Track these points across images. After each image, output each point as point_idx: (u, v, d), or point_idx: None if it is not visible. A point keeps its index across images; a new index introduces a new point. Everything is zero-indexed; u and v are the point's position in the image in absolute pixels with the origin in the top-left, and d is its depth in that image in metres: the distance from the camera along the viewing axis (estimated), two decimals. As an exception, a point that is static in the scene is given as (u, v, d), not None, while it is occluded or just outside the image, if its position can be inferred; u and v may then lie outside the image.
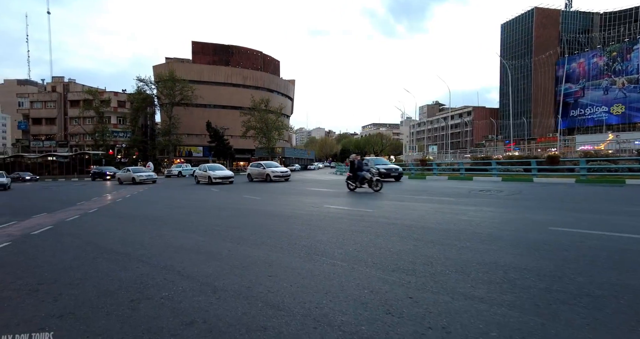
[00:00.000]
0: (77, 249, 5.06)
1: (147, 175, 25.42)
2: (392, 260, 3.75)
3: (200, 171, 22.60)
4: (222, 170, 22.20)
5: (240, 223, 6.68)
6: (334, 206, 8.58)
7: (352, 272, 3.39)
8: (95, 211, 9.78)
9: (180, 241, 5.24)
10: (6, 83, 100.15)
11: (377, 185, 11.90)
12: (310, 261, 3.85)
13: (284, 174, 21.59)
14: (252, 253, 4.32)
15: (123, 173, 26.73)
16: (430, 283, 2.97)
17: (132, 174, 25.40)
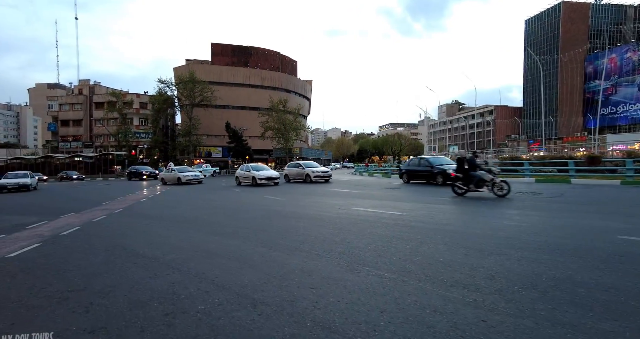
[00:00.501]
0: (105, 252, 4.92)
1: (194, 175, 23.17)
2: (446, 272, 3.36)
3: (242, 172, 19.94)
4: (266, 170, 19.76)
5: (267, 226, 6.42)
6: (362, 208, 8.21)
7: (404, 286, 3.03)
8: (120, 211, 9.78)
9: (209, 245, 5.01)
10: (38, 87, 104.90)
11: (501, 188, 9.33)
12: (353, 271, 3.52)
13: (325, 175, 19.44)
14: (287, 260, 4.03)
15: (167, 173, 24.41)
16: (501, 303, 2.58)
17: (177, 174, 23.08)
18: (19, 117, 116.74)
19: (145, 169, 36.69)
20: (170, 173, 23.94)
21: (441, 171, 14.05)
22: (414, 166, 16.56)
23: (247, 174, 19.27)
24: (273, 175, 18.60)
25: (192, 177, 22.83)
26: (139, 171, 35.88)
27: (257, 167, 20.07)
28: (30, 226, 7.63)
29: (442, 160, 15.92)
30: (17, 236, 6.52)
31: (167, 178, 23.98)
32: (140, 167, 38.72)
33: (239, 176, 20.16)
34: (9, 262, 4.65)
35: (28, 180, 21.43)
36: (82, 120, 63.09)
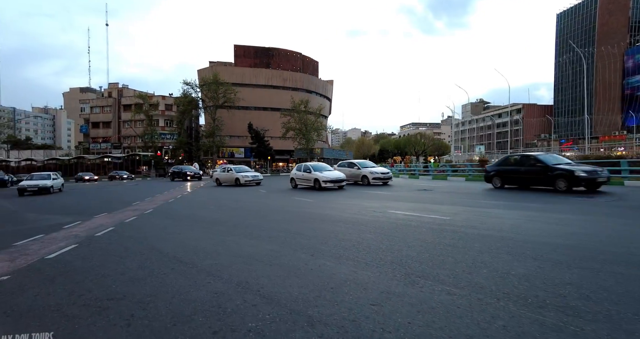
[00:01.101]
0: (140, 256, 4.76)
1: (253, 176, 20.92)
2: (525, 288, 2.90)
3: (299, 172, 16.49)
4: (330, 171, 16.28)
5: (303, 229, 6.11)
6: (400, 211, 7.76)
7: (482, 306, 2.61)
8: (150, 211, 9.79)
9: (247, 250, 4.75)
10: (71, 92, 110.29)
11: None
12: (413, 285, 3.12)
13: (385, 176, 16.63)
14: (335, 269, 3.68)
15: (223, 173, 22.04)
16: (620, 335, 2.11)
17: (234, 174, 20.88)
18: (54, 120, 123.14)
19: (190, 169, 34.11)
20: (226, 174, 21.72)
21: (565, 172, 10.51)
22: (512, 165, 12.56)
23: (307, 175, 15.97)
24: (339, 177, 15.23)
25: (252, 178, 20.63)
26: (183, 172, 33.14)
27: (319, 167, 16.52)
28: (67, 226, 7.69)
29: (559, 158, 12.14)
30: (55, 237, 6.54)
31: (223, 178, 21.86)
32: (184, 167, 35.82)
33: (296, 177, 16.85)
34: (48, 264, 4.57)
35: (49, 181, 19.74)
36: (111, 122, 65.65)
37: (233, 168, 21.81)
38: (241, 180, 20.29)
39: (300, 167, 16.74)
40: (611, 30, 64.00)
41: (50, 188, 19.37)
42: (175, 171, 33.73)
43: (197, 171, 33.81)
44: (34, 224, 8.39)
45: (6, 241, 6.26)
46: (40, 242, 6.07)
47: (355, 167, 17.55)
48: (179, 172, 33.23)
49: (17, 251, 5.46)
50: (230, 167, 22.02)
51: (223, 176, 21.89)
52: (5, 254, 5.28)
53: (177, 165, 38.57)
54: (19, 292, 3.52)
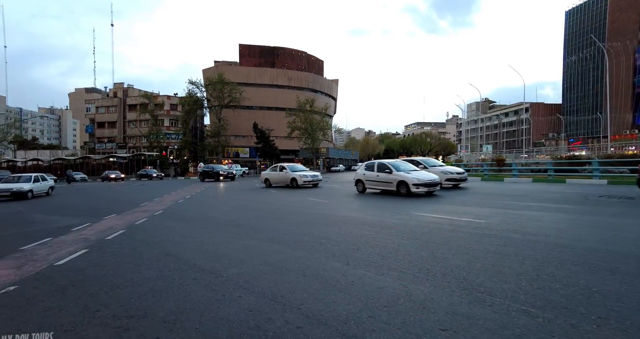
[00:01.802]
0: (157, 263, 4.37)
1: (313, 176, 17.40)
2: (627, 310, 2.46)
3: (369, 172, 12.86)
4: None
5: (328, 233, 5.69)
6: (425, 213, 7.31)
7: (585, 335, 2.17)
8: (159, 213, 9.42)
9: (274, 257, 4.34)
10: (77, 92, 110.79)
11: None
12: (481, 303, 2.69)
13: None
14: (379, 282, 3.26)
15: (275, 173, 18.53)
16: None
17: (289, 174, 17.37)
18: (60, 120, 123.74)
19: (222, 168, 30.33)
20: (278, 173, 18.17)
21: None
22: None
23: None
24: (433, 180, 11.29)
25: (311, 178, 17.06)
26: (215, 171, 29.19)
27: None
28: (75, 229, 7.34)
29: None
30: (64, 240, 6.18)
31: (275, 179, 18.48)
32: (216, 165, 31.70)
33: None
34: (57, 271, 4.19)
35: (26, 185, 16.35)
36: (117, 122, 65.59)
37: (287, 166, 18.19)
38: (299, 181, 16.75)
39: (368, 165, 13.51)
40: (622, 28, 62.87)
41: (28, 193, 16.00)
42: (206, 171, 29.85)
43: (230, 170, 30.04)
44: (41, 226, 8.05)
45: (12, 245, 5.91)
46: (48, 246, 5.71)
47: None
48: (210, 172, 29.32)
49: (24, 256, 5.10)
50: (283, 165, 18.43)
51: (275, 177, 18.50)
52: (12, 260, 4.92)
53: (209, 164, 34.41)
54: (26, 306, 3.14)
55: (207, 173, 29.70)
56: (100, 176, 40.28)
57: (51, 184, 18.89)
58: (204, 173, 30.06)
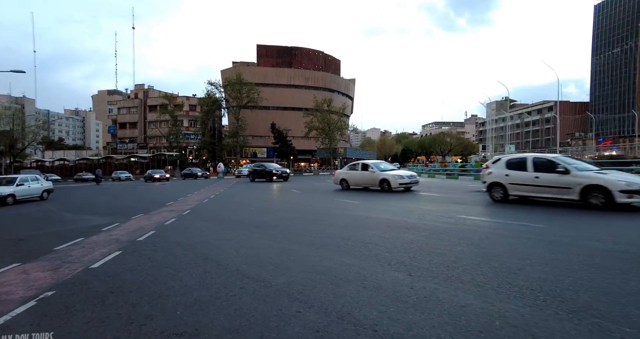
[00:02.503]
0: (196, 268, 4.07)
1: (410, 176, 13.34)
2: None
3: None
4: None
5: (373, 238, 5.28)
6: (472, 216, 6.79)
7: None
8: (187, 213, 9.23)
9: (321, 264, 3.96)
10: (99, 94, 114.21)
11: None
12: (603, 334, 2.21)
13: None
14: (457, 298, 2.82)
15: (355, 172, 14.71)
16: None
17: (379, 174, 13.47)
18: (84, 122, 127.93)
19: (275, 167, 26.19)
20: (362, 172, 14.30)
21: None
22: None
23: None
24: None
25: (409, 179, 13.08)
26: (268, 170, 25.12)
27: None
28: (105, 229, 7.20)
29: None
30: (95, 241, 6.01)
31: (354, 179, 14.77)
32: (268, 164, 27.40)
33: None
34: (93, 275, 3.95)
35: (7, 188, 13.98)
36: (137, 123, 67.11)
37: (372, 164, 14.39)
38: (392, 183, 12.77)
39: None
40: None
41: (7, 198, 13.65)
42: (257, 170, 26.22)
43: (284, 169, 26.30)
44: (72, 225, 7.98)
45: (46, 245, 5.78)
46: (81, 247, 5.53)
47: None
48: (261, 171, 25.57)
49: (59, 257, 4.92)
50: (367, 163, 14.65)
51: (356, 177, 14.68)
52: (47, 261, 4.74)
53: (259, 163, 30.29)
54: (66, 315, 2.87)
55: (258, 172, 26.00)
56: (143, 176, 36.91)
57: (47, 187, 16.17)
58: (255, 172, 26.42)
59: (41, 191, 15.72)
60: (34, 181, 15.60)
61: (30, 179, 15.46)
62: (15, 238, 6.61)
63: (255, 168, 27.09)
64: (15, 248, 5.76)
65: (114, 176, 43.89)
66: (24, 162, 51.66)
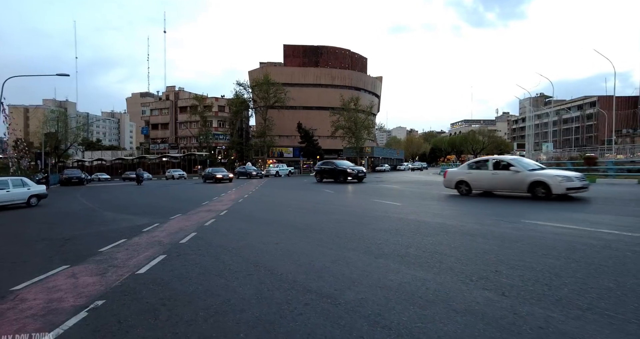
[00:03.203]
0: (249, 277, 3.71)
1: (578, 178, 9.31)
2: None
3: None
4: None
5: (438, 245, 4.74)
6: (543, 222, 6.04)
7: None
8: (224, 213, 9.03)
9: (390, 276, 3.48)
10: (133, 97, 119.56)
11: None
12: None
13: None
14: (586, 332, 2.26)
15: (485, 172, 10.92)
16: None
17: (525, 174, 9.79)
18: (119, 123, 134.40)
19: (349, 166, 21.54)
20: (494, 172, 10.59)
21: None
22: None
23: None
24: None
25: (580, 183, 9.25)
26: (340, 170, 20.68)
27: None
28: (146, 230, 7.10)
29: None
30: (138, 242, 5.86)
31: (481, 180, 11.02)
32: (339, 162, 23.33)
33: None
34: (142, 283, 3.69)
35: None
36: (169, 124, 69.40)
37: (514, 161, 10.51)
38: (554, 188, 9.03)
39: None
40: None
41: None
42: (325, 169, 22.03)
43: (360, 168, 21.71)
44: (113, 225, 7.97)
45: (92, 246, 5.69)
46: (125, 249, 5.37)
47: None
48: (332, 170, 21.28)
49: (104, 260, 4.75)
50: (505, 160, 10.71)
51: (485, 178, 10.88)
52: (94, 264, 4.58)
53: (328, 160, 26.10)
54: (120, 332, 2.58)
55: (326, 171, 21.90)
56: (202, 175, 31.69)
57: (36, 191, 14.08)
58: (322, 171, 22.37)
59: (27, 197, 13.58)
60: (18, 186, 13.48)
61: (13, 183, 13.40)
62: (62, 238, 6.63)
63: (323, 166, 22.79)
64: (64, 248, 5.71)
65: (167, 174, 44.49)
66: (67, 162, 54.75)
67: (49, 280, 4.01)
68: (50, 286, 3.78)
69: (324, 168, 22.48)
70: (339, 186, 18.15)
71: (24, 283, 3.88)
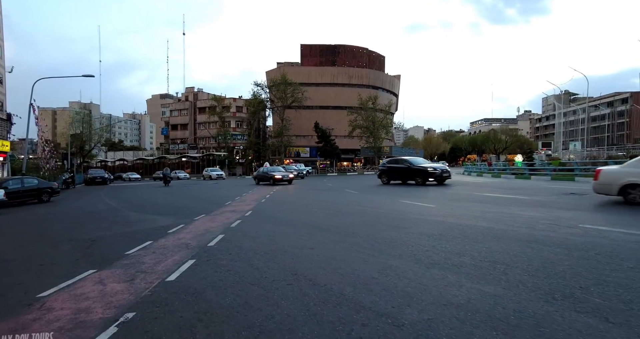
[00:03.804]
0: (289, 287, 3.35)
1: None
2: None
3: None
4: None
5: (495, 255, 4.24)
6: (606, 227, 5.42)
7: None
8: (249, 214, 8.74)
9: (452, 291, 3.03)
10: (152, 98, 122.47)
11: None
12: None
13: None
14: None
15: None
16: None
17: None
18: (140, 124, 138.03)
19: (430, 165, 17.02)
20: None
21: None
22: None
23: None
24: None
25: None
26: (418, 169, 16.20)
27: None
28: (171, 231, 6.88)
29: None
30: (165, 245, 5.61)
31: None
32: (414, 159, 18.26)
33: None
34: (173, 292, 3.38)
35: None
36: (188, 124, 70.52)
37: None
38: None
39: None
40: None
41: None
42: (398, 169, 17.40)
43: (443, 167, 17.25)
44: (137, 226, 7.82)
45: (118, 249, 5.48)
46: (152, 252, 5.12)
47: None
48: (408, 169, 16.71)
49: (132, 264, 4.50)
50: None
51: None
52: (122, 268, 4.33)
53: (399, 157, 20.65)
54: (153, 355, 2.24)
55: (397, 171, 17.39)
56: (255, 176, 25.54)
57: None
58: (390, 171, 17.82)
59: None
60: None
61: None
62: (88, 238, 6.48)
63: (392, 165, 18.09)
64: (90, 249, 5.53)
65: (205, 174, 40.57)
66: (91, 162, 56.46)
67: (77, 285, 3.77)
68: (77, 293, 3.53)
69: (394, 167, 17.65)
70: (366, 187, 17.65)
71: (51, 289, 3.65)
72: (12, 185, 14.60)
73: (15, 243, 6.75)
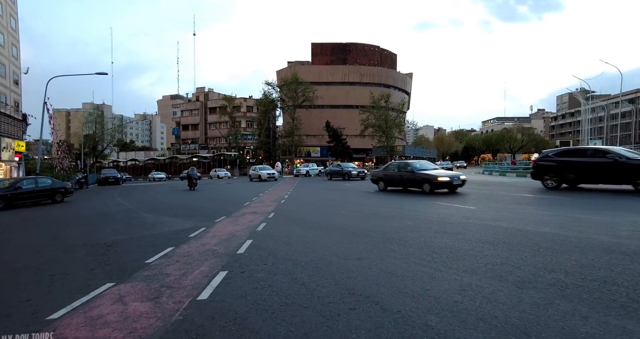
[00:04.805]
0: (354, 313, 2.68)
1: None
2: None
3: None
4: None
5: (584, 269, 3.51)
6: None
7: None
8: (272, 216, 8.10)
9: (573, 322, 2.32)
10: (163, 99, 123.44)
11: None
12: None
13: None
14: None
15: None
16: None
17: None
18: (151, 125, 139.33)
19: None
20: None
21: None
22: None
23: None
24: None
25: None
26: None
27: None
28: (192, 235, 6.30)
29: None
30: (188, 252, 5.01)
31: None
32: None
33: None
34: (209, 317, 2.74)
35: None
36: (199, 125, 70.57)
37: None
38: None
39: None
40: None
41: None
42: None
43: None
44: (155, 229, 7.25)
45: (137, 256, 4.90)
46: (175, 261, 4.52)
47: None
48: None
49: (154, 276, 3.90)
50: None
51: None
52: (143, 282, 3.73)
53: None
54: None
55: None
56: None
57: None
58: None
59: None
60: None
61: None
62: (103, 243, 5.94)
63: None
64: (106, 257, 4.96)
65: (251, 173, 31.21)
66: (103, 162, 56.82)
67: (93, 304, 3.18)
68: (94, 315, 2.93)
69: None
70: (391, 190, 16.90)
71: (63, 310, 3.06)
72: (26, 185, 14.36)
73: (27, 247, 6.25)
